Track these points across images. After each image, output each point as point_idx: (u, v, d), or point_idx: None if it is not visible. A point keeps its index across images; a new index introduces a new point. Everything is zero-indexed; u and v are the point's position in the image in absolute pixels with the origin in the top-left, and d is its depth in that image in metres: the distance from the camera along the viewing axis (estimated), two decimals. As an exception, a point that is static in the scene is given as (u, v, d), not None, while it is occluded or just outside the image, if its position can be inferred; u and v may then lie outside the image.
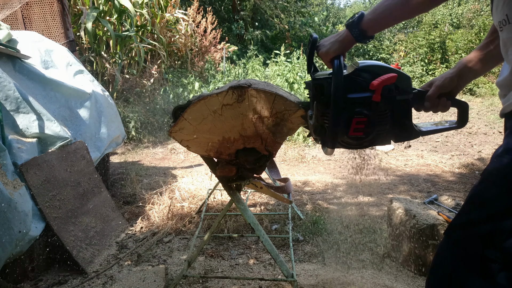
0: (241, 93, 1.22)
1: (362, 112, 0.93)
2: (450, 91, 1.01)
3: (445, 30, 9.77)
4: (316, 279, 1.96)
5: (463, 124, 1.06)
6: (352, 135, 0.96)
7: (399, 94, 0.96)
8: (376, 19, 0.89)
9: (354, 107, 0.93)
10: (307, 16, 13.05)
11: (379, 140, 1.01)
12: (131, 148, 5.28)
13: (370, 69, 0.95)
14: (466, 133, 5.70)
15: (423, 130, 1.05)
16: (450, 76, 0.99)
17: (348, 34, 0.93)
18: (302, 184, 3.58)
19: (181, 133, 1.34)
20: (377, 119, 0.95)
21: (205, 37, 8.21)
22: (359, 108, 0.93)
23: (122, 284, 1.94)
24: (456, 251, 0.77)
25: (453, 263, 0.77)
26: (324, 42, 1.00)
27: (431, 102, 1.01)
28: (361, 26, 0.91)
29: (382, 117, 0.96)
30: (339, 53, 0.95)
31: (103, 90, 3.09)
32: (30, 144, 2.07)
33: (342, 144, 1.02)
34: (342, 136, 0.98)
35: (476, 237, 0.73)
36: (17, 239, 1.66)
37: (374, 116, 0.94)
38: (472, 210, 0.78)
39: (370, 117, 0.94)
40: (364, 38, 0.92)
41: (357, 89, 0.94)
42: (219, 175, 1.52)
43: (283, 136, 1.30)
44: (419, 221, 1.97)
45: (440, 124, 1.08)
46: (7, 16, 3.21)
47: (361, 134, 0.96)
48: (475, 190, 0.78)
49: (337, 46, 0.95)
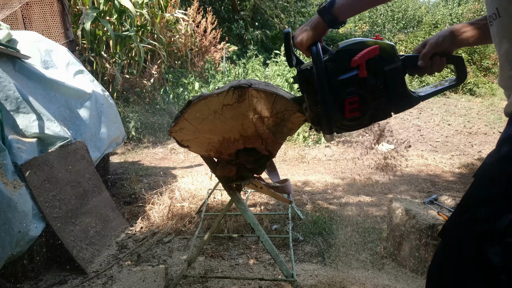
0: (242, 93, 1.22)
1: (352, 91, 0.91)
2: (444, 49, 0.98)
3: (445, 30, 9.76)
4: (316, 279, 1.96)
5: (463, 78, 1.03)
6: (349, 116, 0.94)
7: (386, 64, 0.94)
8: (348, 4, 0.88)
9: (344, 89, 0.92)
10: (307, 16, 13.05)
11: (379, 115, 0.99)
12: (131, 148, 5.28)
13: (351, 47, 0.93)
14: (466, 133, 5.70)
15: (422, 95, 1.02)
16: (444, 34, 0.97)
17: (320, 20, 0.92)
18: (302, 184, 3.58)
19: (182, 133, 1.33)
20: (370, 95, 0.93)
21: (205, 37, 8.21)
22: (349, 89, 0.92)
23: (122, 284, 1.94)
24: (451, 254, 0.76)
25: (448, 266, 0.76)
26: (298, 32, 0.98)
27: (425, 61, 0.98)
28: (332, 12, 0.89)
29: (375, 91, 0.94)
30: (313, 40, 0.94)
31: (103, 90, 3.09)
32: (30, 144, 2.07)
33: (343, 128, 1.00)
34: (340, 120, 0.96)
35: (469, 240, 0.73)
36: (17, 239, 1.66)
37: (366, 92, 0.92)
38: (464, 212, 0.77)
39: (362, 94, 0.92)
40: (337, 23, 0.91)
41: (341, 70, 0.92)
42: (219, 175, 1.52)
43: (284, 136, 1.30)
44: (419, 221, 1.97)
45: (440, 85, 1.05)
46: (7, 16, 3.21)
47: (358, 114, 0.94)
48: (468, 192, 0.78)
49: (311, 34, 0.94)
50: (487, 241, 0.69)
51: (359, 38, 0.97)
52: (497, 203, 0.69)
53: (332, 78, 0.92)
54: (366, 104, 0.93)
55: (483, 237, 0.70)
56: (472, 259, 0.71)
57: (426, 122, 6.36)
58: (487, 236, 0.70)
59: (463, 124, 6.16)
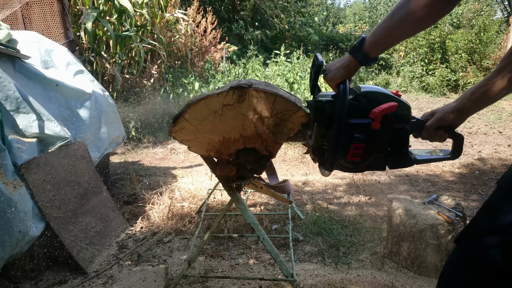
0: (242, 93, 1.22)
1: (361, 138, 0.94)
2: (448, 124, 1.01)
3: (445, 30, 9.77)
4: (316, 279, 1.96)
5: (457, 155, 1.07)
6: (349, 159, 0.98)
7: (398, 122, 0.97)
8: (377, 41, 0.90)
9: (353, 132, 0.95)
10: (307, 16, 13.04)
11: (375, 165, 1.03)
12: (131, 148, 5.28)
13: (371, 95, 0.96)
14: (466, 133, 5.70)
15: (418, 159, 1.06)
16: (451, 110, 0.98)
17: (352, 59, 0.94)
18: (302, 184, 3.58)
19: (182, 133, 1.33)
20: (375, 146, 0.96)
21: (205, 37, 8.21)
22: (358, 134, 0.94)
23: (122, 284, 1.94)
24: (465, 261, 0.75)
25: (461, 272, 0.76)
26: (330, 67, 1.01)
27: (429, 133, 1.01)
28: (363, 50, 0.92)
29: (380, 144, 0.97)
30: (344, 78, 0.96)
31: (103, 90, 3.09)
32: (30, 144, 2.07)
33: (338, 166, 1.03)
34: (340, 159, 0.99)
35: (485, 248, 0.71)
36: (17, 239, 1.66)
37: (372, 143, 0.95)
38: (483, 219, 0.76)
39: (368, 143, 0.95)
40: (368, 61, 0.93)
41: (357, 114, 0.95)
42: (219, 175, 1.52)
43: (284, 136, 1.30)
44: (419, 221, 1.97)
45: (435, 153, 1.10)
46: (7, 16, 3.21)
47: (358, 160, 0.98)
48: (489, 199, 0.77)
49: (343, 72, 0.96)
50: (504, 251, 0.68)
51: (382, 88, 1.01)
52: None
53: (346, 119, 0.95)
54: (368, 153, 0.96)
55: (500, 247, 0.69)
56: (487, 267, 0.70)
57: (426, 122, 6.35)
58: (504, 246, 0.68)
59: (463, 124, 6.15)
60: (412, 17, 0.83)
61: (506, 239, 0.69)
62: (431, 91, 8.57)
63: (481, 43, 8.89)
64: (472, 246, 0.75)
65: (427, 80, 8.63)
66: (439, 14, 0.82)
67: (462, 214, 2.01)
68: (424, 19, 0.83)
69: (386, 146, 0.98)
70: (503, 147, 4.71)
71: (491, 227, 0.73)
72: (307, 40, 12.22)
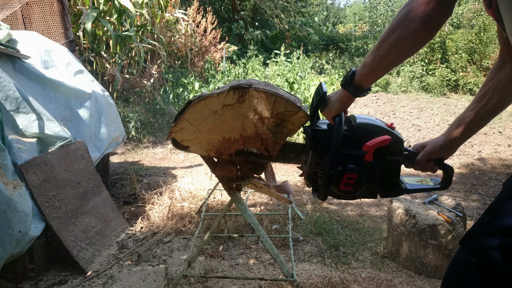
0: (242, 93, 1.22)
1: (354, 169, 0.98)
2: (438, 158, 1.05)
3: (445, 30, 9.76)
4: (316, 279, 1.96)
5: (446, 186, 1.11)
6: (342, 188, 1.01)
7: (390, 155, 1.00)
8: (367, 72, 0.93)
9: (346, 163, 0.98)
10: (307, 16, 13.04)
11: (367, 194, 1.06)
12: (131, 148, 5.28)
13: (366, 127, 1.00)
14: (466, 133, 5.69)
15: (408, 188, 1.09)
16: (439, 145, 1.03)
17: (345, 92, 0.97)
18: (302, 184, 3.58)
19: (182, 133, 1.33)
20: (367, 177, 1.00)
21: (205, 37, 8.21)
22: (351, 165, 0.98)
23: (122, 284, 1.94)
24: (469, 262, 0.75)
25: (466, 274, 0.76)
26: (326, 100, 1.04)
27: (420, 165, 1.06)
28: (355, 83, 0.95)
29: (372, 175, 1.00)
30: (339, 112, 0.99)
31: (103, 90, 3.09)
32: (30, 144, 2.07)
33: (331, 193, 1.06)
34: (333, 187, 1.02)
35: (486, 249, 0.72)
36: (17, 239, 1.66)
37: (365, 173, 0.99)
38: (489, 221, 0.76)
39: (361, 174, 0.98)
40: (361, 92, 0.96)
41: (351, 145, 0.98)
42: (219, 175, 1.52)
43: (284, 137, 1.30)
44: (419, 221, 1.97)
45: (425, 182, 1.13)
46: (7, 16, 3.21)
47: (350, 189, 1.01)
48: (495, 200, 0.77)
49: (337, 106, 1.00)
50: (508, 252, 0.68)
51: (376, 120, 1.04)
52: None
53: (340, 149, 0.98)
54: (360, 183, 1.00)
55: (504, 249, 0.69)
56: (491, 269, 0.70)
57: (426, 122, 6.35)
58: (508, 248, 0.68)
59: (463, 124, 6.15)
60: (398, 46, 0.86)
61: (508, 240, 0.69)
62: (431, 91, 8.57)
63: (481, 43, 8.90)
64: (474, 247, 0.76)
65: (427, 80, 8.63)
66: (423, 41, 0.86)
67: (462, 214, 2.01)
68: (409, 48, 0.86)
69: (378, 176, 1.01)
70: (503, 147, 4.71)
71: (493, 229, 0.73)
72: (307, 40, 12.22)
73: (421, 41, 0.85)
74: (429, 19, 0.81)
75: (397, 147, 1.00)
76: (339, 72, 8.12)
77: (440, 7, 0.80)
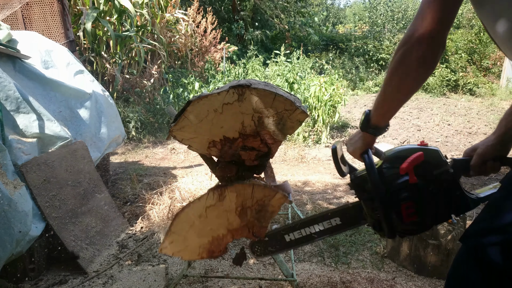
0: (242, 92, 1.22)
1: (406, 197, 0.95)
2: (494, 156, 0.98)
3: (445, 30, 9.76)
4: (316, 279, 1.96)
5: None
6: (407, 221, 0.96)
7: (434, 169, 0.97)
8: (382, 112, 0.94)
9: (398, 195, 0.95)
10: (307, 16, 13.05)
11: (439, 218, 1.01)
12: (131, 148, 5.28)
13: (398, 155, 0.99)
14: (466, 133, 5.70)
15: (481, 196, 1.03)
16: (492, 144, 0.97)
17: (366, 134, 0.99)
18: (302, 184, 3.58)
19: (182, 131, 1.34)
20: (424, 199, 0.96)
21: (205, 37, 8.22)
22: (403, 194, 0.95)
23: (122, 283, 1.94)
24: (470, 259, 0.76)
25: (466, 272, 0.76)
26: (349, 141, 1.06)
27: (477, 170, 1.00)
28: (372, 124, 0.97)
29: (429, 195, 0.96)
30: (364, 149, 1.00)
31: (103, 90, 3.10)
32: (30, 144, 2.07)
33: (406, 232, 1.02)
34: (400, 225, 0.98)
35: (485, 247, 0.72)
36: (17, 239, 1.66)
37: (419, 197, 0.95)
38: (487, 218, 0.77)
39: (416, 199, 0.95)
40: (381, 130, 0.97)
41: (395, 177, 0.96)
42: (219, 175, 1.52)
43: (283, 135, 1.31)
44: (419, 221, 1.97)
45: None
46: (7, 16, 3.21)
47: (415, 218, 0.96)
48: (493, 197, 0.77)
49: (361, 144, 1.01)
50: (507, 249, 0.68)
51: (405, 145, 1.02)
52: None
53: (387, 185, 0.96)
54: (422, 208, 0.96)
55: (503, 246, 0.69)
56: (491, 266, 0.71)
57: (426, 122, 6.36)
58: (507, 245, 0.69)
59: (463, 124, 6.16)
60: (403, 88, 0.86)
61: (506, 238, 0.69)
62: (431, 91, 8.58)
63: (481, 43, 8.90)
64: (473, 245, 0.76)
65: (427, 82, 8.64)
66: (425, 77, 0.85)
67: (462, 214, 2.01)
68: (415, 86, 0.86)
69: (438, 195, 0.96)
70: (503, 147, 4.71)
71: (492, 226, 0.74)
72: (307, 40, 12.22)
73: (423, 78, 0.85)
74: (424, 60, 0.81)
75: (436, 159, 0.97)
76: (339, 72, 8.12)
77: (432, 47, 0.80)
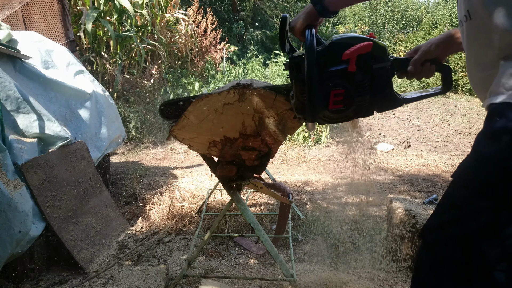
0: (242, 92, 1.22)
1: (339, 84, 0.93)
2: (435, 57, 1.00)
3: (445, 30, 9.77)
4: (316, 279, 1.96)
5: (448, 88, 1.05)
6: (332, 108, 0.95)
7: (375, 62, 0.95)
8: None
9: (331, 81, 0.93)
10: (307, 16, 13.05)
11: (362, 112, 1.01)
12: (131, 148, 5.28)
13: (344, 41, 0.95)
14: (466, 133, 5.70)
15: (407, 98, 1.04)
16: (436, 43, 0.98)
17: (312, 8, 0.97)
18: (302, 184, 3.58)
19: (183, 131, 1.34)
20: (356, 90, 0.94)
21: (205, 37, 8.22)
22: (336, 81, 0.93)
23: (122, 284, 1.94)
24: (431, 255, 0.76)
25: (429, 266, 0.76)
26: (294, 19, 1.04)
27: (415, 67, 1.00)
28: (323, 2, 0.95)
29: (361, 87, 0.95)
30: (306, 23, 0.98)
31: (103, 90, 3.10)
32: (30, 144, 2.07)
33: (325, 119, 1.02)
34: (323, 110, 0.97)
35: (448, 240, 0.72)
36: (17, 239, 1.66)
37: (352, 87, 0.94)
38: (443, 212, 0.77)
39: (348, 88, 0.93)
40: (327, 13, 0.96)
41: (333, 63, 0.94)
42: (219, 175, 1.53)
43: (284, 135, 1.31)
44: (419, 221, 1.97)
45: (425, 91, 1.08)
46: (7, 16, 3.21)
47: (341, 107, 0.95)
48: (446, 192, 0.78)
49: (303, 17, 0.99)
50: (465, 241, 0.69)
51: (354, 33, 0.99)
52: (471, 204, 0.69)
53: (322, 69, 0.93)
54: (350, 98, 0.94)
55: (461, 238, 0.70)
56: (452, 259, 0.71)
57: (425, 122, 6.36)
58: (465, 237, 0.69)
59: (463, 124, 6.17)
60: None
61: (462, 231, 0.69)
62: (431, 91, 8.56)
63: (481, 43, 8.90)
64: (433, 239, 0.76)
65: (426, 80, 8.64)
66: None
67: (462, 214, 2.01)
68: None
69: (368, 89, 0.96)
70: (503, 147, 4.71)
71: (442, 221, 0.74)
72: (307, 40, 12.22)
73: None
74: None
75: (381, 53, 0.96)
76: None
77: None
